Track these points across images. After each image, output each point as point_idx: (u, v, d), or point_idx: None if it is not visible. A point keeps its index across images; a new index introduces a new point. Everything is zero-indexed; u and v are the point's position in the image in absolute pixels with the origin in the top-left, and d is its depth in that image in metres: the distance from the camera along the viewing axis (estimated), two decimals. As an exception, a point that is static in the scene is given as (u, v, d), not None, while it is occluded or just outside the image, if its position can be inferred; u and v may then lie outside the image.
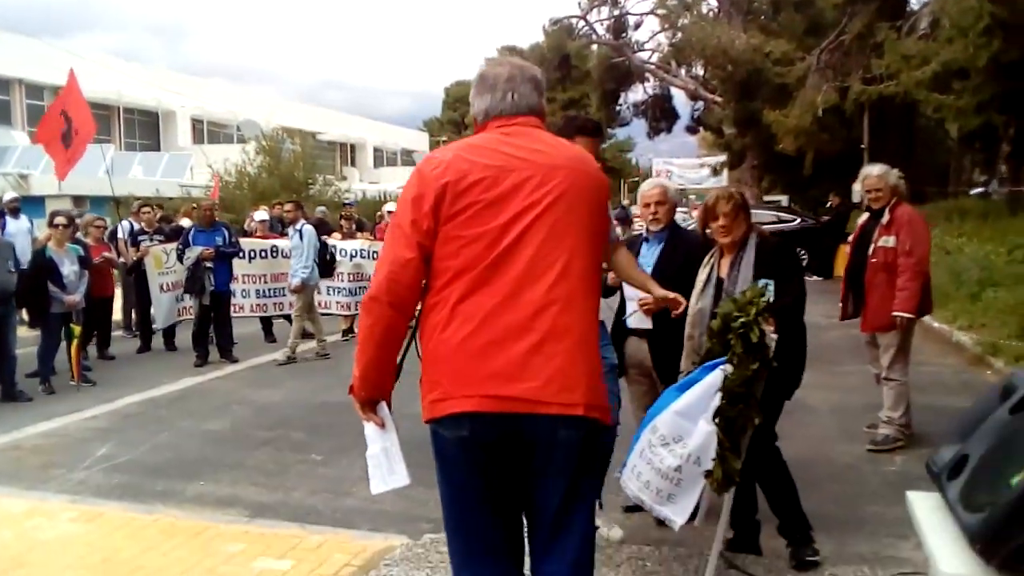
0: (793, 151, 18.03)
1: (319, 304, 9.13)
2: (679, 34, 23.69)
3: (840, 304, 5.39)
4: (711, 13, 25.57)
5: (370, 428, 2.13)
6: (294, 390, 7.19)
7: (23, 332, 7.71)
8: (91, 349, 8.42)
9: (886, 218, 4.92)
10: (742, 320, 2.52)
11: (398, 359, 2.04)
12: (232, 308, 8.79)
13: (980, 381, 6.88)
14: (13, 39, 27.55)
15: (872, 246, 4.99)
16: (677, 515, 2.72)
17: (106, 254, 8.58)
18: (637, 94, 30.62)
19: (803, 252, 13.80)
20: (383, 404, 2.10)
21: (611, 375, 3.31)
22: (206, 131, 37.06)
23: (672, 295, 2.94)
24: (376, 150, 50.25)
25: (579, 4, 26.05)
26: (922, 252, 4.89)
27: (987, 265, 10.59)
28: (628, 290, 3.77)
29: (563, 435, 1.92)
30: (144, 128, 34.53)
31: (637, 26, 27.23)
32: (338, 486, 4.70)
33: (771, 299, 2.77)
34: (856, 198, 20.67)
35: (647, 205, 3.92)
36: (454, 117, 51.34)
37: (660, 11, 24.35)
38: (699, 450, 2.62)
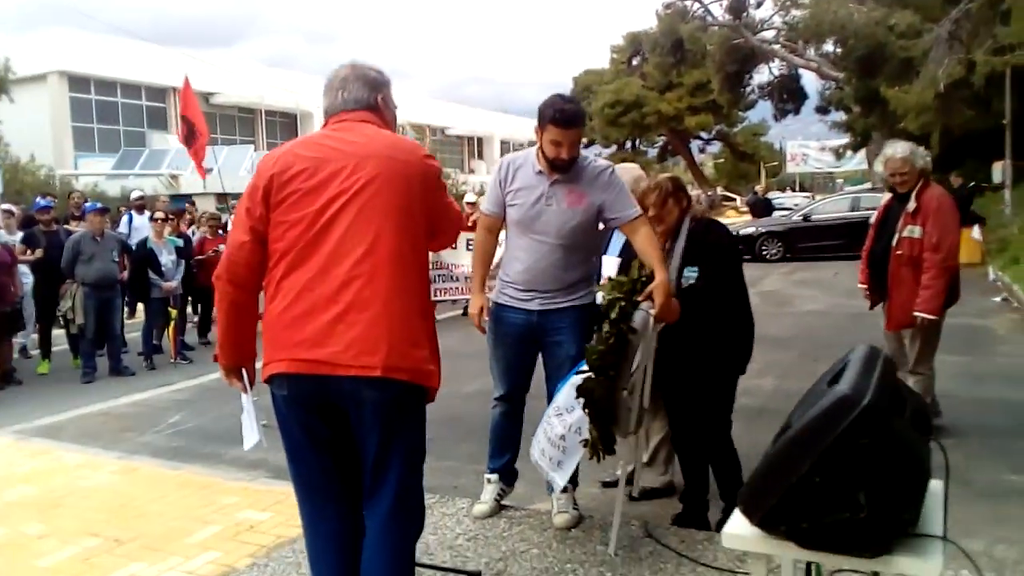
0: (917, 130, 16.84)
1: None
2: (796, 12, 22.59)
3: (865, 292, 5.00)
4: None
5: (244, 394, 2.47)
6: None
7: (136, 318, 8.73)
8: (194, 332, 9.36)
9: (912, 204, 4.51)
10: (609, 298, 2.66)
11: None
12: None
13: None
14: (168, 52, 30.32)
15: (896, 236, 4.60)
16: (560, 479, 2.91)
17: (221, 246, 9.41)
18: (763, 75, 29.60)
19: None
20: (244, 370, 2.42)
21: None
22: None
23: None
24: (503, 143, 51.17)
25: (694, -15, 25.45)
26: (950, 244, 4.50)
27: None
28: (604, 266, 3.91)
29: (368, 395, 2.16)
30: (284, 128, 36.99)
31: (758, 4, 26.24)
32: (356, 455, 5.13)
33: (657, 280, 2.86)
34: (997, 177, 19.15)
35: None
36: (582, 106, 51.26)
37: (778, -12, 23.33)
38: (579, 420, 2.78)
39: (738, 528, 1.98)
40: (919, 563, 1.78)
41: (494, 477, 3.67)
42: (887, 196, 4.96)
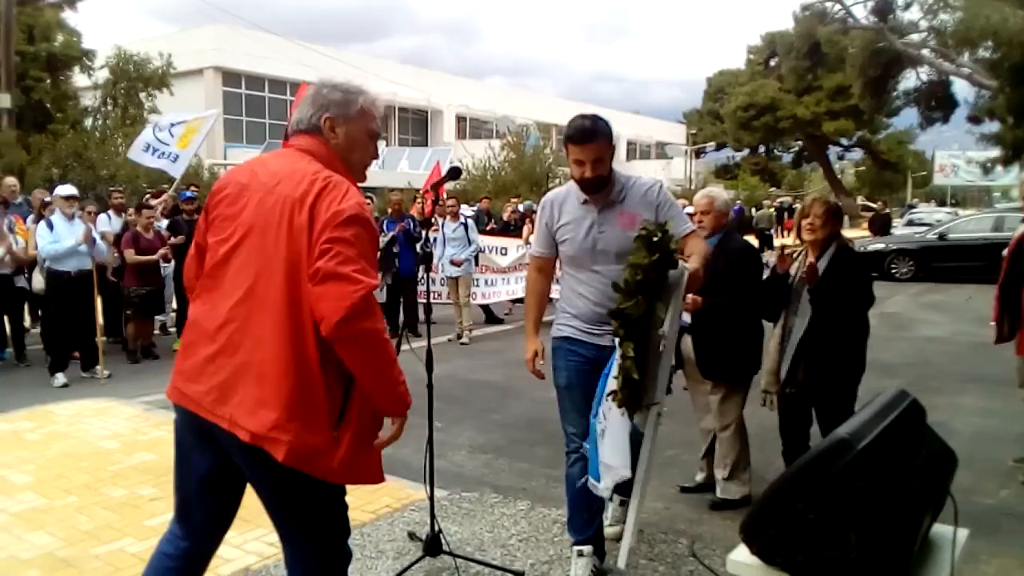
0: (1075, 145, 15.53)
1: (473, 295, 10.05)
2: (946, 15, 21.23)
3: (994, 324, 4.78)
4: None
5: None
6: (458, 367, 8.03)
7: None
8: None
9: None
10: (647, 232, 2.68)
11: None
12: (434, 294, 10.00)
13: None
14: (306, 50, 32.08)
15: None
16: (605, 484, 2.78)
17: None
18: (909, 81, 28.02)
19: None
20: None
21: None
22: (468, 127, 40.18)
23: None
24: (630, 143, 50.80)
25: (836, -14, 24.39)
26: None
27: None
28: None
29: (231, 443, 2.02)
30: (416, 125, 38.35)
31: (907, 6, 24.82)
32: (439, 448, 5.40)
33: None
34: None
35: (692, 214, 4.08)
36: (714, 108, 50.08)
37: (927, -10, 22.01)
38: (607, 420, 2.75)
39: (742, 556, 2.06)
40: (910, 610, 1.81)
41: (586, 549, 3.16)
42: (1023, 226, 4.73)
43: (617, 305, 2.66)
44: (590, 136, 2.93)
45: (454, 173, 3.67)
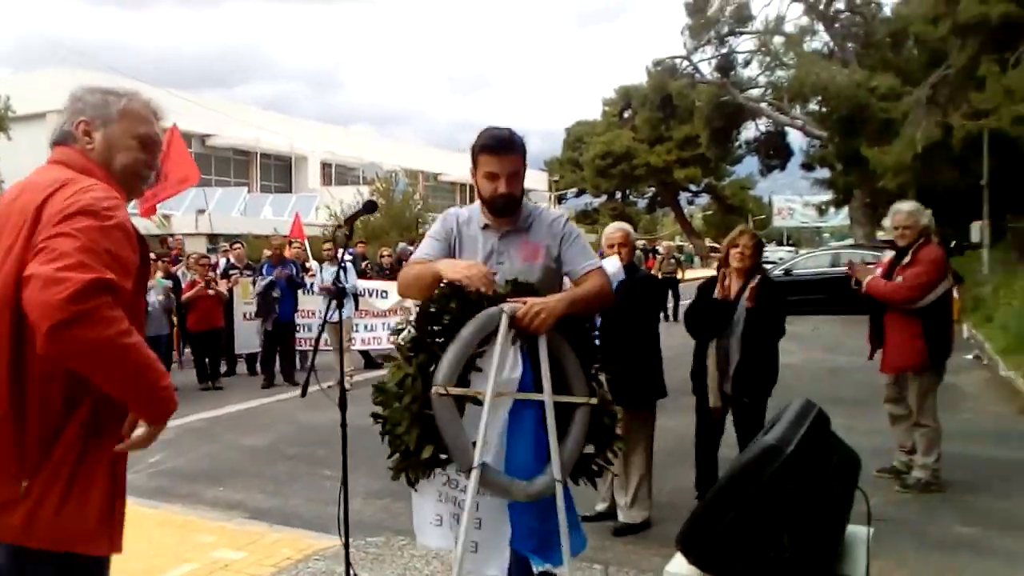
0: (896, 189, 17.31)
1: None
2: (781, 72, 23.35)
3: (868, 343, 5.23)
4: (825, 47, 25.09)
5: None
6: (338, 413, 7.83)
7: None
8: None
9: (908, 258, 4.82)
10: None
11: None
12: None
13: (1017, 430, 6.58)
14: (165, 94, 30.82)
15: None
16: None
17: (211, 288, 9.36)
18: (750, 131, 30.37)
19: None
20: None
21: None
22: (334, 174, 39.69)
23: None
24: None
25: (684, 44, 26.26)
26: (918, 283, 4.73)
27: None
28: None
29: None
30: (279, 171, 37.45)
31: (745, 64, 27.05)
32: (331, 496, 5.20)
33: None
34: (975, 237, 19.61)
35: (611, 246, 4.37)
36: (573, 156, 52.10)
37: (763, 50, 24.10)
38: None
39: (678, 567, 2.13)
40: (839, 603, 1.94)
41: None
42: (890, 254, 5.20)
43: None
44: (508, 146, 2.58)
45: (370, 207, 3.66)
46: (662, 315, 7.91)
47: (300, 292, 9.62)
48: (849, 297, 5.30)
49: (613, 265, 4.18)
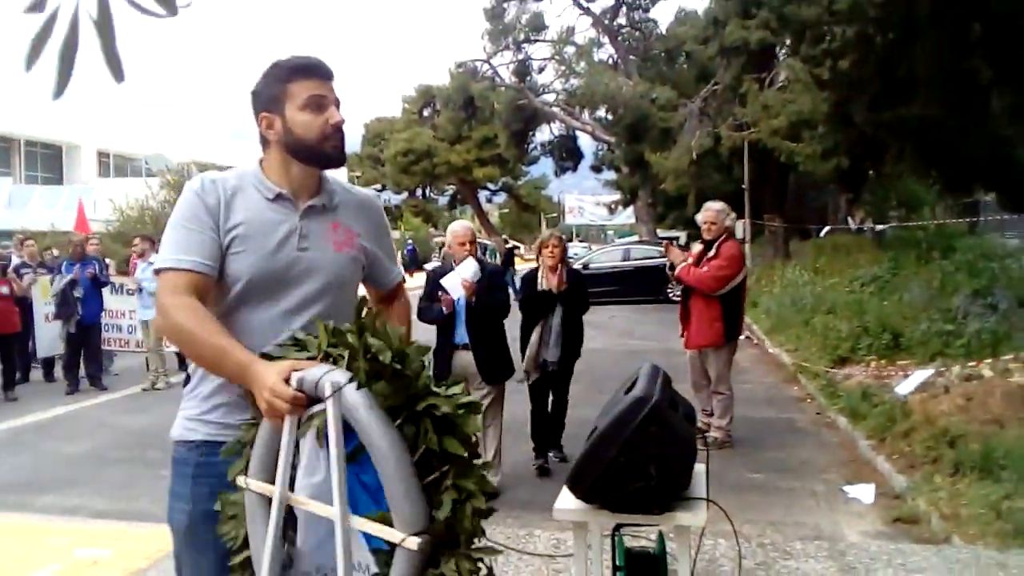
0: (675, 191, 19.34)
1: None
2: (574, 80, 25.00)
3: (680, 323, 6.06)
4: (610, 59, 27.14)
5: None
6: (161, 415, 7.57)
7: None
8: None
9: (713, 251, 5.67)
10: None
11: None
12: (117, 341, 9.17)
13: (785, 395, 7.85)
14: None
15: None
16: None
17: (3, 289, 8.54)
18: (544, 134, 32.06)
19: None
20: None
21: None
22: (112, 165, 36.55)
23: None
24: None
25: (484, 48, 27.24)
26: (720, 275, 5.59)
27: (824, 295, 11.75)
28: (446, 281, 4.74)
29: None
30: (47, 161, 33.86)
31: (540, 70, 28.55)
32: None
33: None
34: (739, 234, 22.30)
35: (462, 244, 4.87)
36: (373, 152, 51.84)
37: (557, 58, 25.66)
38: None
39: (566, 503, 2.60)
40: (690, 516, 2.50)
41: None
42: (699, 247, 6.03)
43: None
44: (329, 71, 1.85)
45: None
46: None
47: (106, 291, 9.10)
48: (638, 289, 6.20)
49: (471, 270, 4.64)
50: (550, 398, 5.53)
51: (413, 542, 1.39)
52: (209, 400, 1.81)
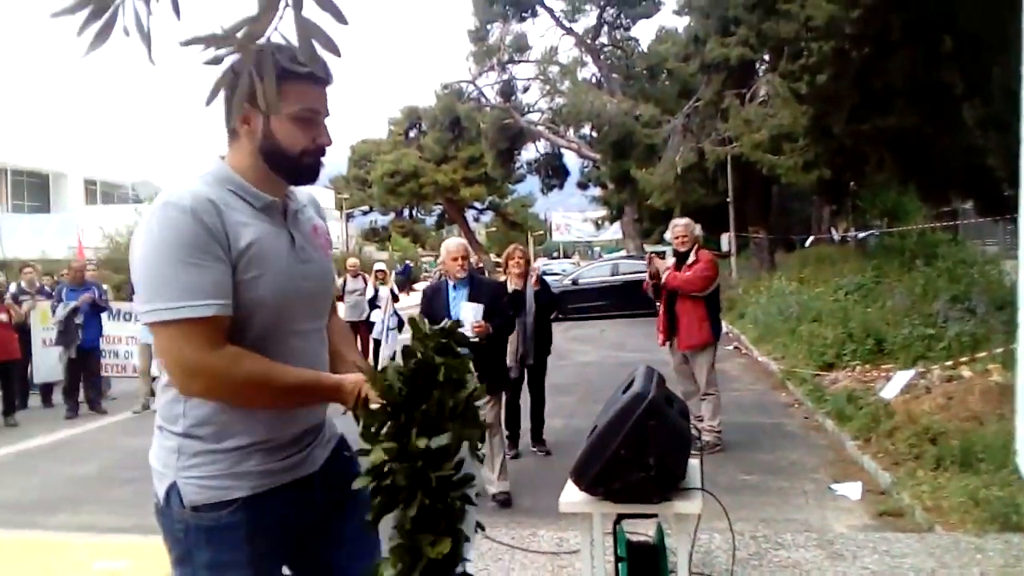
0: (661, 206, 19.62)
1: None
2: (559, 99, 25.38)
3: (659, 332, 6.30)
4: (594, 77, 27.57)
5: None
6: (165, 436, 7.71)
7: None
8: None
9: (692, 259, 5.99)
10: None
11: None
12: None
13: (774, 401, 8.06)
14: None
15: None
16: None
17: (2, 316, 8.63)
18: (530, 152, 32.41)
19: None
20: None
21: None
22: (99, 192, 36.61)
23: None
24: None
25: (469, 70, 27.61)
26: (704, 275, 5.88)
27: (810, 304, 12.01)
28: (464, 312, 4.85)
29: None
30: (34, 190, 33.88)
31: (525, 90, 28.94)
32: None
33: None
34: (725, 247, 22.63)
35: (455, 259, 5.01)
36: (360, 174, 52.01)
37: (541, 77, 26.06)
38: None
39: (570, 496, 2.78)
40: (687, 504, 2.69)
41: None
42: (672, 260, 6.28)
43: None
44: (329, 77, 1.60)
45: None
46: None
47: (105, 316, 9.22)
48: (629, 302, 6.41)
49: (472, 312, 4.81)
50: (525, 394, 6.29)
51: None
52: (238, 451, 1.56)
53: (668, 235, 6.45)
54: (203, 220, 1.47)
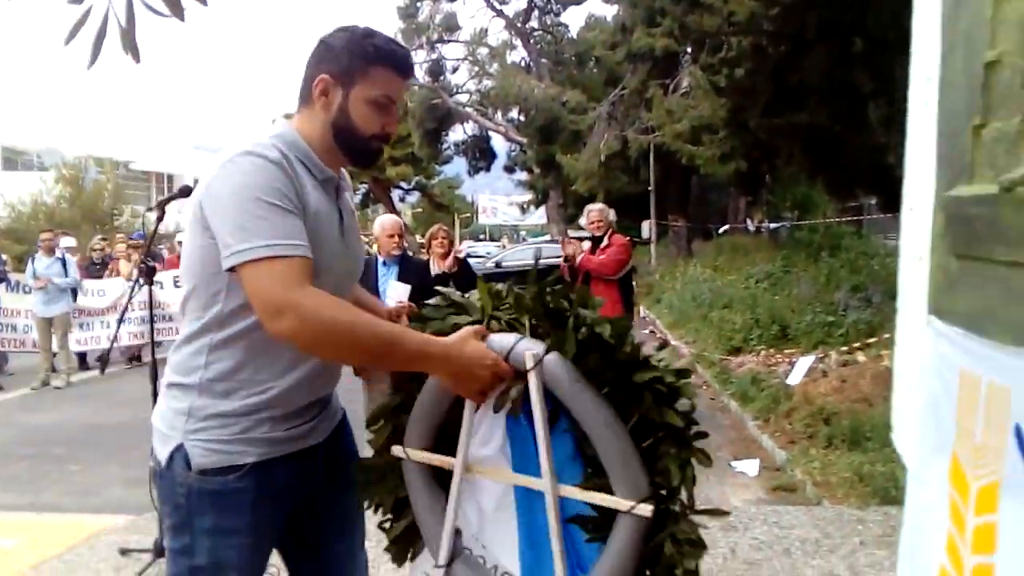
0: (585, 191, 19.86)
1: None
2: (487, 81, 25.33)
3: None
4: (523, 61, 27.61)
5: None
6: (66, 413, 7.42)
7: None
8: None
9: (606, 242, 6.12)
10: None
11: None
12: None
13: (683, 384, 8.32)
14: None
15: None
16: None
17: None
18: (458, 134, 32.27)
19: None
20: None
21: None
22: (1, 159, 34.61)
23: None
24: (196, 182, 48.63)
25: (397, 47, 27.16)
26: (618, 259, 6.02)
27: (722, 291, 12.42)
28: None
29: None
30: (-73, 153, 31.80)
31: (454, 70, 28.75)
32: (89, 489, 5.18)
33: None
34: (645, 234, 23.15)
35: (391, 235, 4.98)
36: (281, 150, 50.83)
37: (470, 59, 25.93)
38: None
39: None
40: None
41: None
42: (588, 244, 6.41)
43: None
44: (413, 69, 1.73)
45: (184, 191, 3.24)
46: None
47: (2, 288, 8.79)
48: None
49: (399, 292, 4.75)
50: None
51: (646, 509, 1.37)
52: (248, 417, 1.54)
53: (583, 220, 6.58)
54: (287, 172, 1.48)
